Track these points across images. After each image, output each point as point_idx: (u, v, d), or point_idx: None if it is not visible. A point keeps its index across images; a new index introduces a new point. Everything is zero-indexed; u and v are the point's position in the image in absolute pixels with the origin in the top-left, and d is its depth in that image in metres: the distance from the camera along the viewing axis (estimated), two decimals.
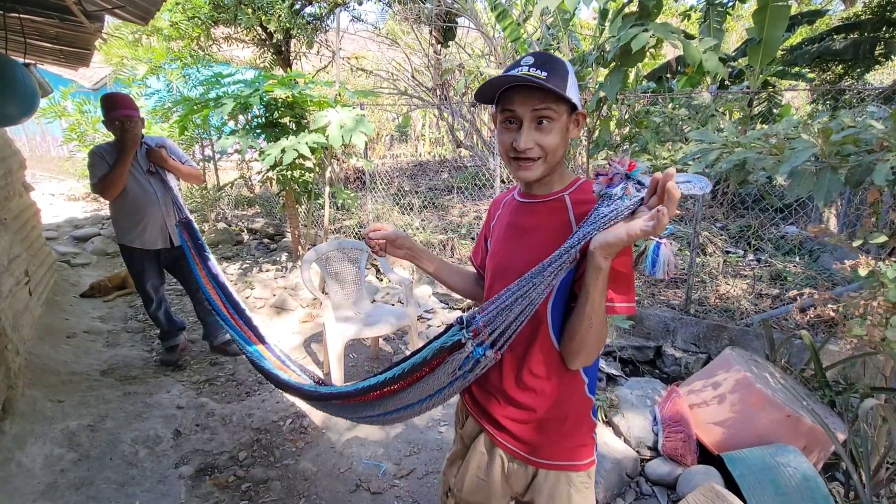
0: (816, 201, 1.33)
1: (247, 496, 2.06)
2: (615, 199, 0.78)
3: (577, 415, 1.02)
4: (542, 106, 0.90)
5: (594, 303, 0.84)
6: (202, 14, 5.93)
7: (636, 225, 0.73)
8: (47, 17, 2.17)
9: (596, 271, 0.81)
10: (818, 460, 1.97)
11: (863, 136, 1.32)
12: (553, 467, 1.03)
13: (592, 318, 0.86)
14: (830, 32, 5.56)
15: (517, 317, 0.89)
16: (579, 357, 0.93)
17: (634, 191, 0.76)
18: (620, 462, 2.10)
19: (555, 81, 0.87)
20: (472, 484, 1.13)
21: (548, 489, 1.03)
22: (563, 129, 0.93)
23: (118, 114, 2.55)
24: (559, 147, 0.94)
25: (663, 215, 0.68)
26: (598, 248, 0.78)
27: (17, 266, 3.03)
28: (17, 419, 2.22)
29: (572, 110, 0.94)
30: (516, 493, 1.09)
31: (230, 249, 5.61)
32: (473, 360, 0.92)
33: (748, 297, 3.41)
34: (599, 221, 0.79)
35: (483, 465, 1.11)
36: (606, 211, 0.78)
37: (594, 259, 0.80)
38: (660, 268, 0.76)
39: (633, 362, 3.13)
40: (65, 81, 6.82)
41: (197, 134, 5.95)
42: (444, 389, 1.00)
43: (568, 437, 1.02)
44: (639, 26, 2.27)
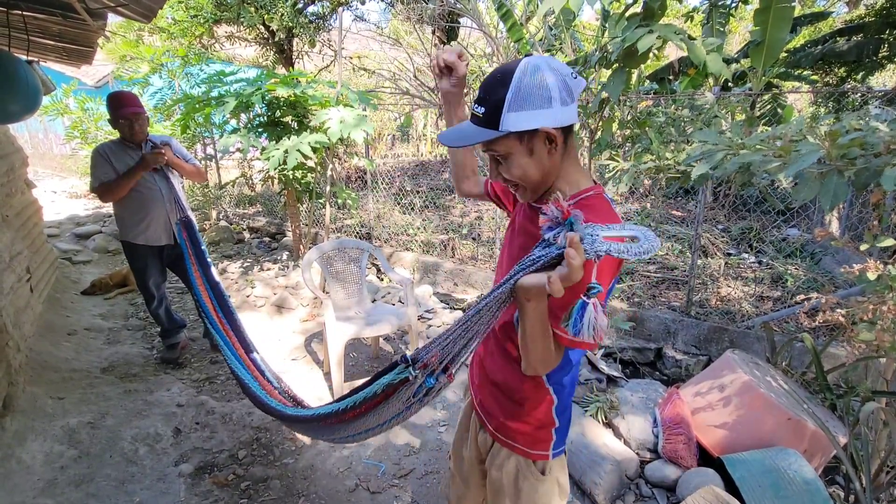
0: (823, 205, 1.32)
1: (246, 495, 2.06)
2: (548, 244, 0.75)
3: (534, 406, 1.05)
4: (486, 148, 0.90)
5: (525, 333, 0.85)
6: (205, 12, 5.94)
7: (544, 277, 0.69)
8: (50, 14, 2.17)
9: (520, 307, 0.81)
10: (819, 464, 1.97)
11: (870, 140, 1.31)
12: (504, 444, 1.10)
13: (527, 343, 0.87)
14: (834, 34, 5.55)
15: (465, 346, 0.88)
16: (526, 367, 0.93)
17: (563, 241, 0.70)
18: (620, 464, 2.10)
19: (488, 116, 0.85)
20: (460, 437, 1.28)
21: (499, 462, 1.11)
22: (524, 156, 0.89)
23: (126, 112, 2.58)
24: (528, 174, 0.91)
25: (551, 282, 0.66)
26: (518, 290, 0.77)
27: (18, 263, 3.03)
28: (17, 416, 2.22)
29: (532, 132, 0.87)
30: (482, 456, 1.19)
31: (231, 248, 5.61)
32: (426, 389, 0.93)
33: (749, 300, 3.41)
34: (529, 263, 0.76)
35: (464, 424, 1.26)
36: (537, 255, 0.76)
37: (517, 297, 0.79)
38: (583, 330, 0.70)
39: (633, 364, 3.12)
40: (67, 79, 6.83)
41: (199, 132, 5.95)
42: (402, 413, 1.04)
43: (521, 422, 1.07)
44: (643, 27, 2.27)
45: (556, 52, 4.62)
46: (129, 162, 2.65)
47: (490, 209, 6.01)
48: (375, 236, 5.16)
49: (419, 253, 4.72)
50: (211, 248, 5.59)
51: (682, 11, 3.79)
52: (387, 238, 5.14)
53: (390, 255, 4.78)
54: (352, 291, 3.12)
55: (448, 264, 4.41)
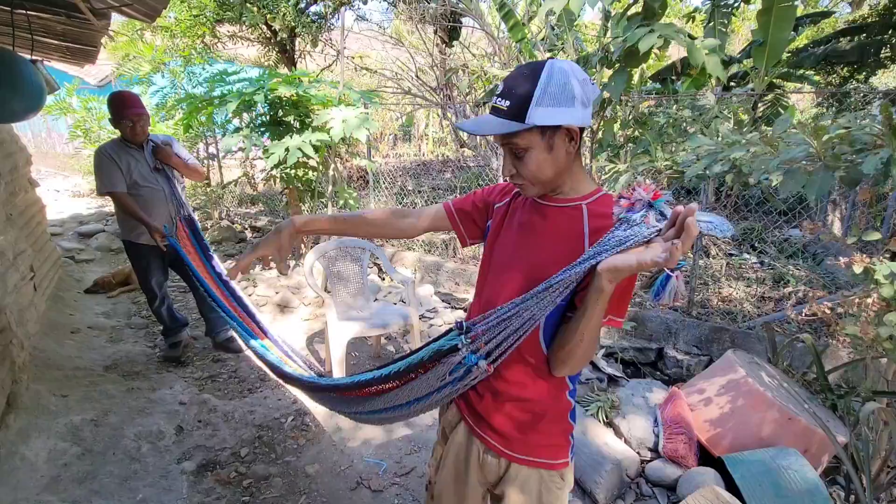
0: (808, 197, 1.34)
1: (248, 492, 2.07)
2: (633, 225, 0.76)
3: (555, 415, 1.03)
4: (506, 140, 0.90)
5: (590, 321, 0.84)
6: (207, 12, 5.95)
7: (648, 255, 0.71)
8: (54, 13, 2.18)
9: (598, 292, 0.80)
10: (819, 464, 1.97)
11: (856, 136, 1.32)
12: (525, 462, 1.03)
13: (585, 334, 0.86)
14: (836, 35, 5.54)
15: (516, 330, 0.88)
16: (565, 366, 0.93)
17: (654, 220, 0.74)
18: (621, 463, 2.10)
19: (514, 110, 0.86)
20: (448, 474, 1.15)
21: (518, 484, 1.04)
22: (543, 152, 0.90)
23: (129, 113, 2.59)
24: (543, 170, 0.91)
25: (677, 249, 0.67)
26: (606, 272, 0.77)
27: (22, 261, 3.05)
28: (21, 413, 2.24)
29: (555, 128, 0.89)
30: (490, 483, 1.11)
31: (233, 247, 5.63)
32: (465, 368, 0.91)
33: (751, 300, 3.41)
34: (613, 245, 0.77)
35: (461, 457, 1.12)
36: (622, 236, 0.77)
37: (599, 281, 0.79)
38: (665, 297, 0.75)
39: (634, 364, 3.13)
40: (70, 78, 6.85)
41: (201, 132, 5.97)
42: (433, 394, 1.01)
43: (543, 435, 1.03)
44: (644, 27, 2.27)
45: (559, 52, 4.62)
46: (131, 162, 2.67)
47: None
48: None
49: (421, 252, 4.72)
50: (213, 247, 5.60)
51: (684, 11, 3.79)
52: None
53: (392, 255, 4.79)
54: (354, 291, 3.13)
55: (450, 264, 4.42)
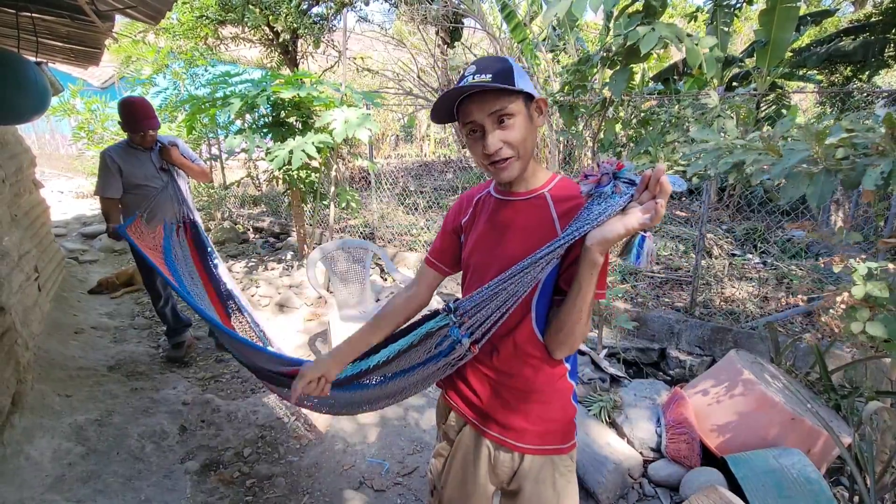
0: (810, 203, 1.34)
1: (251, 492, 2.08)
2: (606, 197, 0.82)
3: (560, 399, 1.06)
4: (497, 107, 0.92)
5: (586, 296, 0.88)
6: (210, 13, 5.97)
7: (632, 220, 0.77)
8: (59, 16, 2.19)
9: (591, 266, 0.85)
10: (822, 464, 1.96)
11: (857, 141, 1.32)
12: (539, 452, 1.06)
13: (583, 309, 0.89)
14: (839, 34, 5.53)
15: (499, 308, 0.93)
16: (565, 347, 0.97)
17: (624, 188, 0.80)
18: (623, 463, 2.10)
19: (500, 80, 0.90)
20: (456, 478, 1.14)
21: (534, 474, 1.06)
22: (526, 120, 0.95)
23: (146, 124, 2.65)
24: (527, 139, 0.96)
25: (662, 207, 0.74)
26: (596, 244, 0.82)
27: (27, 262, 3.06)
28: (26, 413, 2.25)
29: (529, 100, 0.96)
30: (502, 482, 1.11)
31: (236, 248, 5.64)
32: (449, 342, 0.97)
33: (753, 300, 3.40)
34: (593, 218, 0.82)
35: (469, 458, 1.12)
36: (599, 209, 0.82)
37: (590, 254, 0.83)
38: (643, 259, 0.82)
39: (636, 364, 3.12)
40: (73, 80, 6.88)
41: (204, 133, 5.99)
42: (418, 368, 1.06)
43: (552, 421, 1.06)
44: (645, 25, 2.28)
45: (560, 51, 4.62)
46: (138, 165, 2.70)
47: None
48: (379, 236, 5.18)
49: (423, 253, 4.73)
50: (216, 247, 5.61)
51: (686, 11, 3.79)
52: (390, 238, 5.16)
53: (394, 255, 4.79)
54: (355, 291, 3.14)
55: None
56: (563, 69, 3.97)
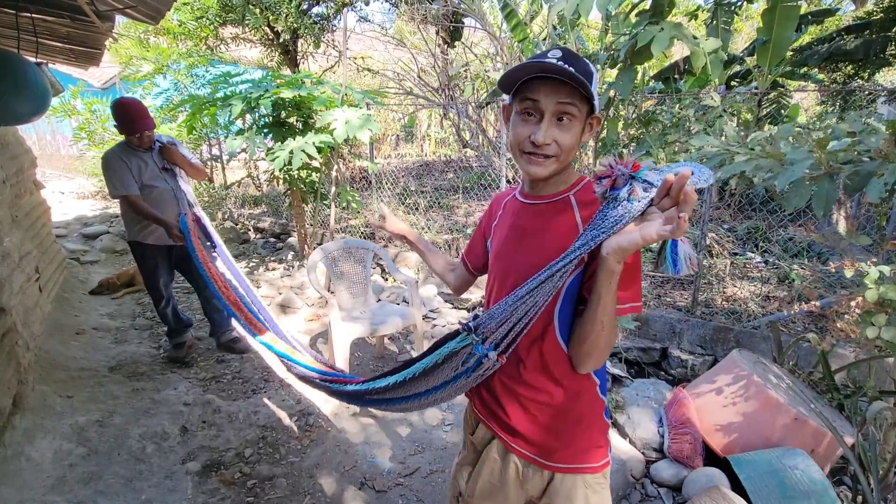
0: (815, 210, 1.33)
1: (252, 493, 2.07)
2: (622, 201, 0.75)
3: (590, 416, 1.01)
4: (567, 101, 0.87)
5: (606, 306, 0.82)
6: (210, 14, 5.97)
7: (652, 230, 0.70)
8: (59, 16, 2.19)
9: (609, 275, 0.79)
10: (826, 464, 1.96)
11: (859, 148, 1.32)
12: (569, 470, 1.01)
13: (604, 321, 0.84)
14: (841, 32, 5.52)
15: (521, 319, 0.88)
16: (590, 360, 0.91)
17: (642, 191, 0.73)
18: (626, 463, 2.09)
19: (581, 77, 0.85)
20: (484, 490, 1.12)
21: (565, 492, 1.02)
22: (580, 130, 0.91)
23: (140, 126, 2.63)
24: (574, 148, 0.92)
25: (684, 221, 0.66)
26: (612, 253, 0.76)
27: (27, 263, 3.06)
28: (27, 414, 2.25)
29: (590, 112, 0.92)
30: (532, 496, 1.08)
31: (237, 248, 5.65)
32: (476, 358, 0.92)
33: (755, 300, 3.39)
34: (609, 225, 0.76)
35: (496, 471, 1.09)
36: (615, 214, 0.76)
37: (607, 264, 0.78)
38: (682, 266, 0.73)
39: (638, 364, 3.12)
40: (74, 80, 6.88)
41: (204, 133, 5.99)
42: (449, 384, 1.01)
43: (582, 439, 1.01)
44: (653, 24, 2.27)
45: None
46: (140, 164, 2.70)
47: None
48: (380, 236, 5.18)
49: None
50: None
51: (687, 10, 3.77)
52: (391, 238, 5.15)
53: (395, 255, 4.79)
54: (357, 291, 3.13)
55: None
56: None
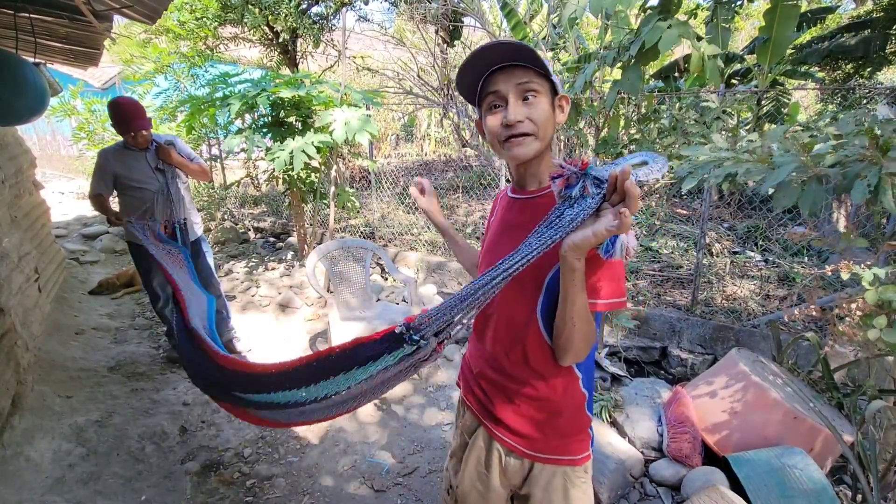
0: (802, 211, 1.35)
1: (251, 493, 2.07)
2: (576, 199, 0.77)
3: (572, 409, 1.02)
4: (525, 79, 0.91)
5: (574, 303, 0.84)
6: (210, 14, 5.97)
7: (601, 225, 0.72)
8: (57, 16, 2.19)
9: (570, 273, 0.81)
10: (825, 463, 1.95)
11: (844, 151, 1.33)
12: (548, 461, 1.03)
13: (574, 318, 0.85)
14: (841, 30, 5.50)
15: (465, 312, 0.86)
16: (568, 354, 0.92)
17: (593, 188, 0.75)
18: (625, 462, 2.09)
19: (532, 56, 0.89)
20: (471, 477, 1.14)
21: (543, 482, 1.04)
22: (549, 107, 0.94)
23: (133, 126, 2.64)
24: (548, 123, 0.94)
25: (626, 216, 0.68)
26: (569, 251, 0.78)
27: (27, 263, 3.06)
28: (26, 414, 2.25)
29: (554, 93, 0.95)
30: (514, 486, 1.10)
31: (237, 248, 5.64)
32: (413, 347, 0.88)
33: (755, 298, 3.39)
34: (565, 223, 0.77)
35: (482, 459, 1.12)
36: (571, 213, 0.77)
37: (566, 261, 0.80)
38: (616, 252, 0.75)
39: (638, 363, 3.11)
40: (73, 80, 6.88)
41: (204, 133, 5.99)
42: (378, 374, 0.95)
43: (563, 431, 1.03)
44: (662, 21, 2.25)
45: (560, 50, 4.60)
46: (133, 165, 2.70)
47: None
48: (380, 236, 5.18)
49: (424, 252, 4.72)
50: (216, 248, 5.62)
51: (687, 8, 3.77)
52: (391, 238, 5.15)
53: (395, 255, 4.79)
54: (356, 291, 3.13)
55: (453, 264, 4.41)
56: (562, 66, 3.96)
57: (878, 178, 1.21)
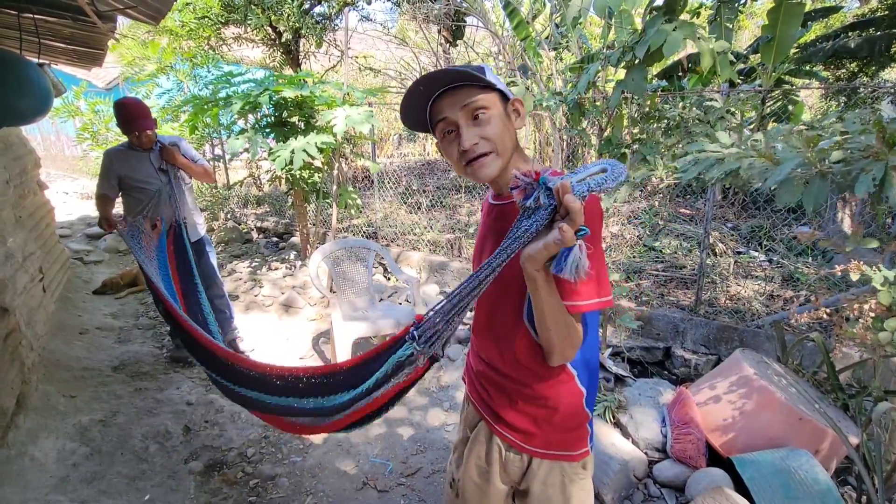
0: (805, 207, 1.34)
1: (255, 492, 2.08)
2: (532, 210, 0.76)
3: (568, 406, 1.03)
4: (470, 99, 0.89)
5: (543, 310, 0.84)
6: (212, 14, 5.98)
7: (550, 237, 0.72)
8: (61, 17, 2.19)
9: (531, 282, 0.81)
10: (830, 464, 1.94)
11: (849, 146, 1.32)
12: (546, 456, 1.04)
13: (547, 322, 0.85)
14: (845, 29, 5.47)
15: (451, 320, 0.92)
16: (553, 356, 0.93)
17: (545, 199, 0.74)
18: (628, 463, 2.08)
19: (470, 74, 0.88)
20: (472, 472, 1.15)
21: (541, 477, 1.05)
22: (502, 118, 0.92)
23: (137, 125, 2.65)
24: (505, 136, 0.92)
25: (565, 231, 0.68)
26: (526, 262, 0.78)
27: (31, 263, 3.07)
28: (30, 414, 2.26)
29: (505, 100, 0.94)
30: (514, 481, 1.11)
31: (239, 248, 5.65)
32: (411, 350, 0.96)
33: (759, 299, 3.37)
34: (522, 235, 0.78)
35: (482, 454, 1.13)
36: (527, 224, 0.77)
37: (526, 272, 0.80)
38: (567, 270, 0.73)
39: (641, 363, 3.10)
40: (76, 81, 6.91)
41: (207, 133, 6.00)
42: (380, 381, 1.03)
43: (559, 428, 1.03)
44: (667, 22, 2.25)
45: (563, 49, 4.60)
46: (137, 166, 2.71)
47: None
48: (382, 236, 5.18)
49: (426, 252, 4.72)
50: (219, 247, 5.63)
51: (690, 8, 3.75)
52: (393, 237, 5.15)
53: (397, 255, 4.79)
54: (359, 291, 3.13)
55: (455, 263, 4.41)
56: (566, 67, 3.95)
57: (883, 171, 1.20)
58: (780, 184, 1.40)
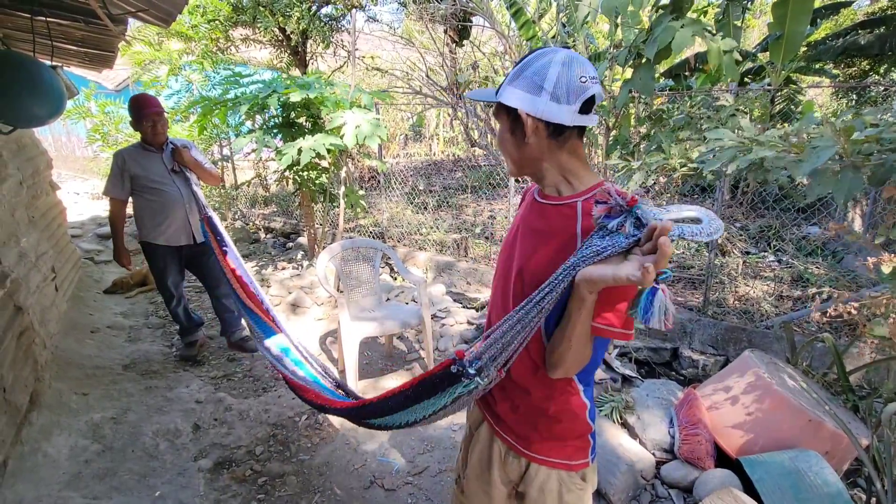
0: (836, 200, 1.32)
1: (263, 490, 2.09)
2: (609, 232, 0.73)
3: (570, 417, 1.03)
4: (496, 113, 0.98)
5: (574, 328, 0.83)
6: (221, 16, 6.03)
7: (623, 271, 0.69)
8: (73, 20, 2.23)
9: (579, 302, 0.79)
10: (840, 466, 1.93)
11: (885, 136, 1.29)
12: (543, 462, 1.05)
13: (572, 340, 0.85)
14: (856, 27, 5.41)
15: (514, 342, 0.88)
16: (558, 370, 0.92)
17: (632, 228, 0.70)
18: (636, 464, 2.08)
19: (501, 88, 0.93)
20: (475, 469, 1.17)
21: (538, 483, 1.05)
22: (507, 131, 0.95)
23: (149, 111, 2.69)
24: (506, 145, 0.97)
25: (648, 273, 0.64)
26: (583, 283, 0.76)
27: (44, 263, 3.12)
28: (44, 411, 2.29)
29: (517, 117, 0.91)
30: (513, 481, 1.12)
31: (247, 248, 5.70)
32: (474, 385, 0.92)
33: (768, 299, 3.35)
34: (590, 255, 0.75)
35: (485, 455, 1.15)
36: (599, 245, 0.74)
37: (578, 291, 0.78)
38: (654, 316, 0.68)
39: (649, 364, 3.09)
40: (86, 82, 6.99)
41: (215, 133, 6.05)
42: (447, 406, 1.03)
43: (559, 437, 1.03)
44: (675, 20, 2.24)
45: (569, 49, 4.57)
46: (148, 164, 2.73)
47: (502, 208, 5.99)
48: (389, 236, 5.19)
49: (433, 252, 4.73)
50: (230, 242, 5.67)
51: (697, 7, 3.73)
52: (400, 237, 5.17)
53: (404, 255, 4.80)
54: (366, 291, 3.15)
55: (462, 263, 4.41)
56: None
57: None
58: (813, 174, 1.36)
